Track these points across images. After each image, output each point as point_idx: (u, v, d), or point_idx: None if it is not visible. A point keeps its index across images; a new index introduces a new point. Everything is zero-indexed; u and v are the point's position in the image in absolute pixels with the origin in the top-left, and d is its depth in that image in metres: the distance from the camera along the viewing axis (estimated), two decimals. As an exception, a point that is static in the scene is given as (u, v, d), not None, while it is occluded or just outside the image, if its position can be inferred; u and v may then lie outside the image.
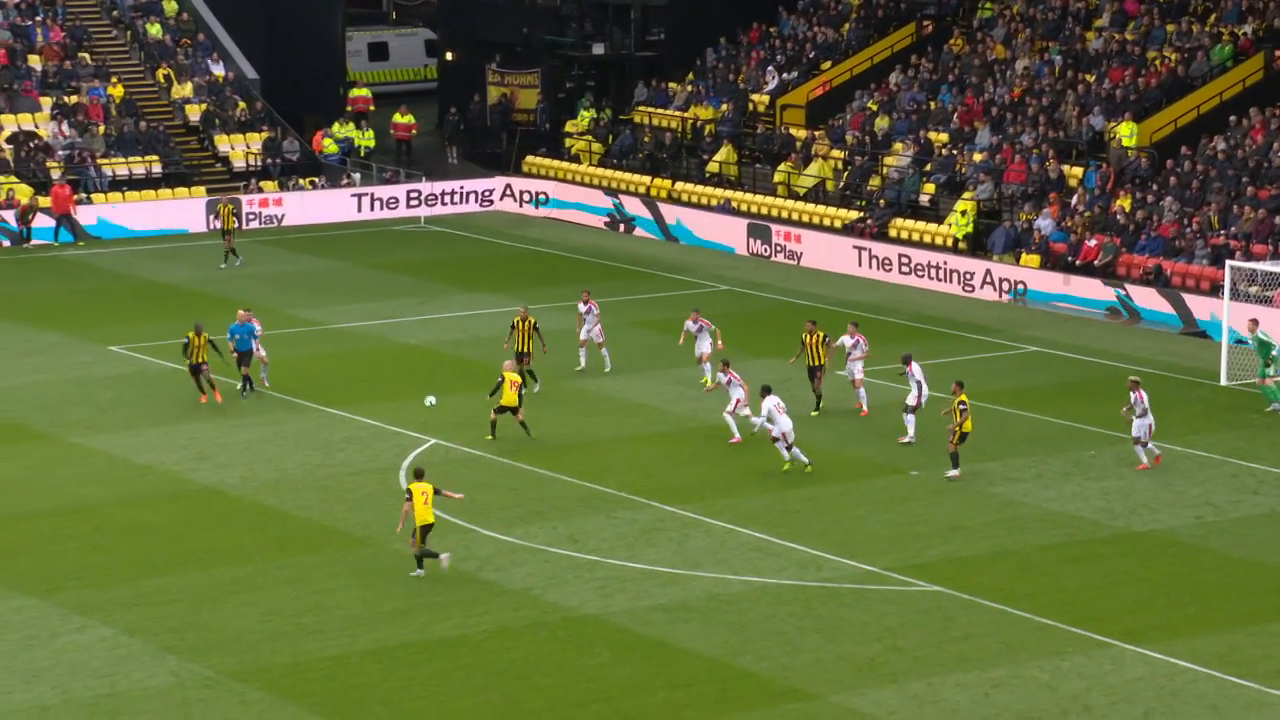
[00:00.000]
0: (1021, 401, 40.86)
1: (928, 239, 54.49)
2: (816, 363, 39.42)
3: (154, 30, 64.97)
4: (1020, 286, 41.69)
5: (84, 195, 57.68)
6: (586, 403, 40.55)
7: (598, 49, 68.57)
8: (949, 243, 54.05)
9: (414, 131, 65.69)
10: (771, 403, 35.82)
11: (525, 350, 40.75)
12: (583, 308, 42.67)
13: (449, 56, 75.07)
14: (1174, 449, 37.74)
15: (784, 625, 28.95)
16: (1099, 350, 45.78)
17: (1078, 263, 50.99)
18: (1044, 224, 52.49)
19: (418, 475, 30.93)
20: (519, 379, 37.61)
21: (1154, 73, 55.89)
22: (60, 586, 30.26)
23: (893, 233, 55.30)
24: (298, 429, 38.59)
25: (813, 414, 39.21)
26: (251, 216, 59.11)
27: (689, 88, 64.34)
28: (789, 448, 35.71)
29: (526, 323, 40.99)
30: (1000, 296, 51.10)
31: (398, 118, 65.72)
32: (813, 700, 26.39)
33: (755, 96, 62.88)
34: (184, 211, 58.62)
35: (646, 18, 68.69)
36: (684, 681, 26.97)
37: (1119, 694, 26.65)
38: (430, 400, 32.00)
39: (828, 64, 62.56)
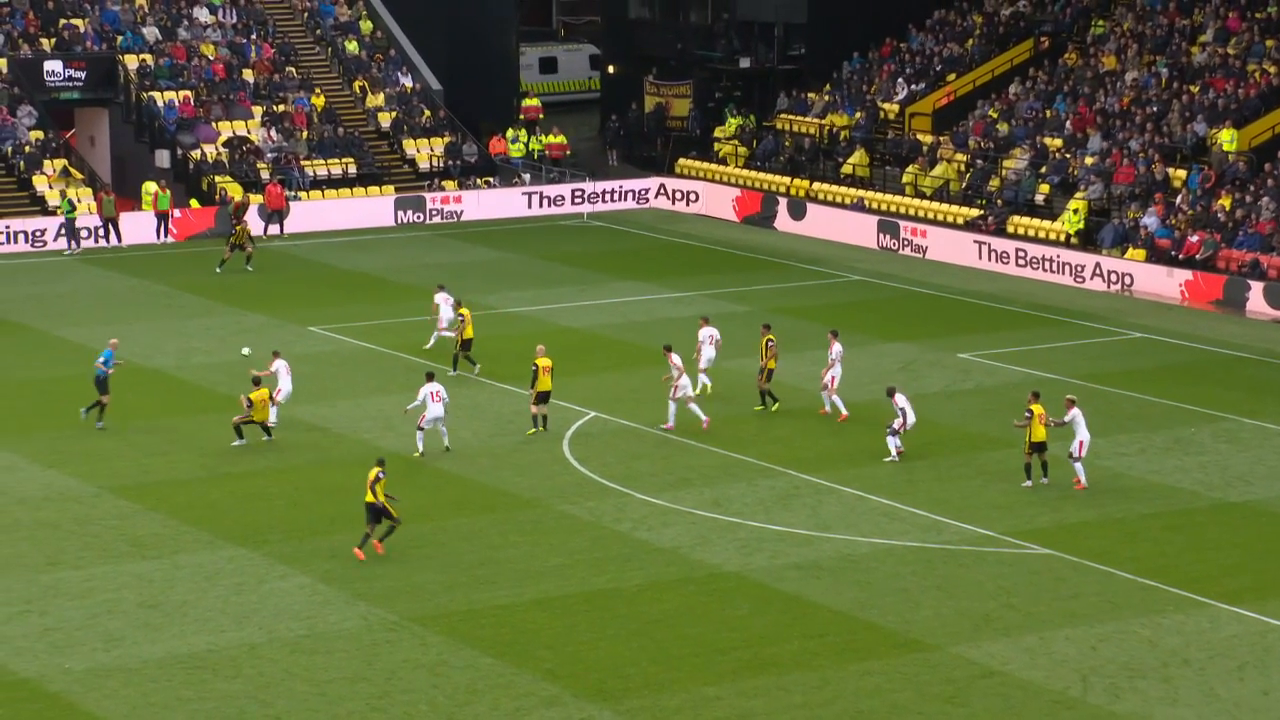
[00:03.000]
0: (1127, 383, 40.22)
1: (1042, 234, 53.75)
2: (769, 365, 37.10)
3: (351, 47, 65.65)
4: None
5: (292, 193, 58.40)
6: (728, 381, 40.45)
7: (744, 62, 68.28)
8: (1062, 238, 53.28)
9: (567, 152, 65.32)
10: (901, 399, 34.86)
11: (470, 338, 40.11)
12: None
13: (611, 69, 75.12)
14: (1269, 427, 36.98)
15: (907, 583, 28.72)
16: (1200, 336, 44.94)
17: (1180, 257, 50.10)
18: (1150, 221, 51.60)
19: (255, 383, 34.93)
20: (550, 363, 36.25)
21: (1254, 84, 54.72)
22: (266, 539, 30.71)
23: (1010, 229, 54.62)
24: (472, 402, 38.84)
25: (757, 409, 37.32)
26: (434, 212, 59.54)
27: (826, 97, 63.92)
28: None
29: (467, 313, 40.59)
30: (1109, 287, 50.31)
31: (550, 138, 65.46)
32: (933, 651, 26.16)
33: (886, 105, 62.33)
34: (375, 208, 59.21)
35: (788, 34, 68.31)
36: (816, 632, 26.85)
37: (1215, 649, 26.18)
38: (245, 351, 33.72)
39: (953, 76, 61.86)
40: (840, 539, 30.66)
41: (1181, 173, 53.13)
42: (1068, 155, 55.71)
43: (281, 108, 62.06)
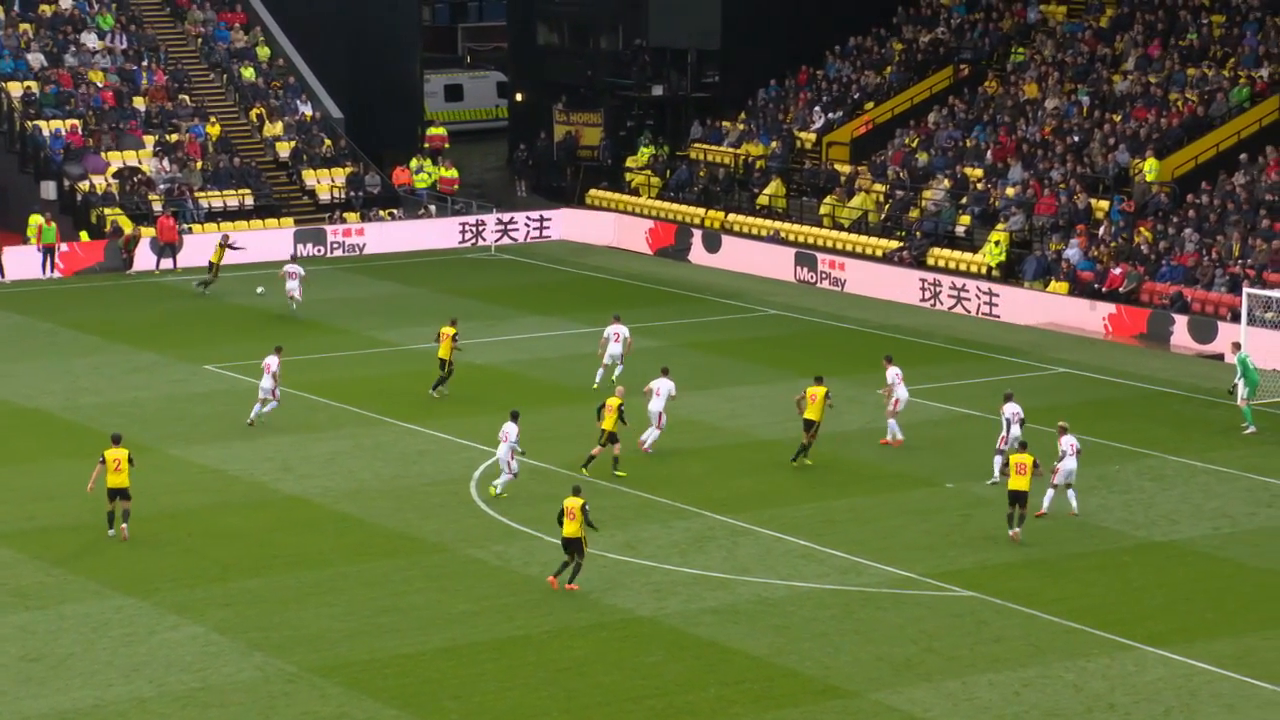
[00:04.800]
0: (1050, 419, 40.49)
1: (963, 267, 54.24)
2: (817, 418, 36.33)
3: (248, 74, 65.38)
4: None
5: (186, 226, 58.01)
6: (643, 420, 40.49)
7: (656, 90, 68.58)
8: (983, 270, 53.78)
9: (456, 186, 65.24)
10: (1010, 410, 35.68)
11: (444, 358, 41.42)
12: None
13: (519, 97, 75.23)
14: (1194, 464, 37.39)
15: (826, 627, 28.80)
16: (1123, 371, 45.42)
17: (1103, 290, 50.66)
18: (1072, 253, 52.16)
19: (115, 441, 31.94)
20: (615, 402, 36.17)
21: (1176, 113, 55.53)
22: (157, 587, 30.38)
23: (931, 261, 55.08)
24: (375, 442, 38.67)
25: (793, 463, 36.89)
26: (335, 245, 59.32)
27: (741, 126, 64.29)
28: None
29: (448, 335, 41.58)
30: (1031, 321, 50.75)
31: (443, 171, 65.36)
32: (852, 698, 26.22)
33: (802, 134, 62.77)
34: (274, 241, 58.84)
35: (702, 61, 68.68)
36: (733, 679, 26.85)
37: (1141, 694, 26.40)
38: (260, 290, 34.55)
39: (870, 104, 62.40)
40: (757, 582, 30.70)
41: (1104, 204, 53.77)
42: (988, 186, 56.26)
43: (174, 137, 61.64)
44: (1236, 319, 45.32)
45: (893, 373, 38.41)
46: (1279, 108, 54.66)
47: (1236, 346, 41.46)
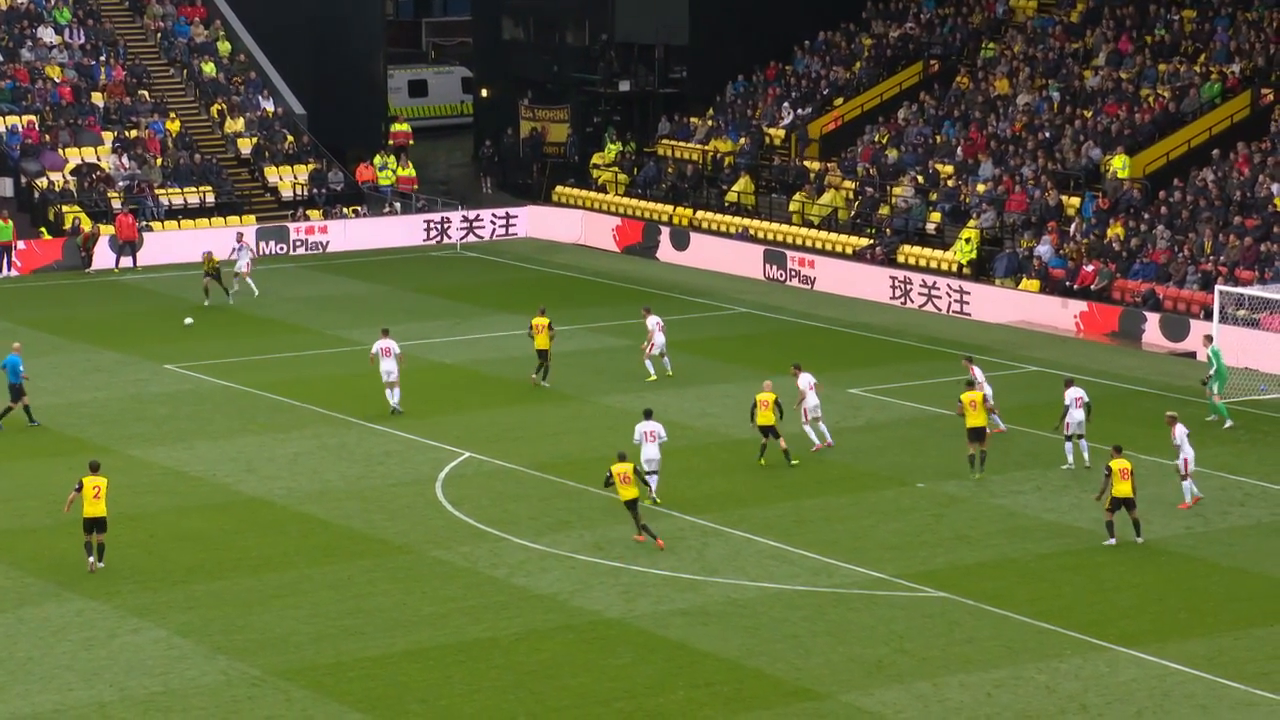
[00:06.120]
0: (1023, 418, 40.71)
1: (934, 265, 54.41)
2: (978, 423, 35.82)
3: (208, 69, 65.21)
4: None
5: (145, 223, 57.84)
6: (611, 418, 40.52)
7: (623, 86, 68.61)
8: (954, 268, 53.96)
9: (415, 186, 65.02)
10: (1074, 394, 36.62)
11: (544, 349, 42.05)
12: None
13: (484, 93, 75.19)
14: (1166, 463, 37.54)
15: (797, 629, 28.87)
16: (1096, 370, 45.61)
17: (1075, 287, 50.87)
18: (1044, 250, 52.37)
19: (93, 469, 31.14)
20: (769, 397, 36.26)
21: (1147, 109, 55.80)
22: (118, 590, 30.30)
23: (901, 258, 55.23)
24: (339, 443, 38.62)
25: (976, 476, 36.11)
26: (298, 243, 59.21)
27: (709, 122, 64.37)
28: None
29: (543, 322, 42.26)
30: (1002, 319, 50.96)
31: (401, 170, 65.16)
32: (823, 699, 26.30)
33: (771, 130, 62.88)
34: (235, 239, 58.59)
35: (669, 57, 68.74)
36: (702, 681, 26.90)
37: (1113, 694, 26.53)
38: (188, 321, 39.99)
39: (840, 100, 62.54)
40: (727, 583, 30.76)
41: (1075, 200, 53.98)
42: (959, 182, 56.44)
43: (134, 133, 61.45)
44: (1209, 317, 45.56)
45: (977, 371, 38.97)
46: (1250, 104, 54.98)
47: (1209, 339, 41.77)
